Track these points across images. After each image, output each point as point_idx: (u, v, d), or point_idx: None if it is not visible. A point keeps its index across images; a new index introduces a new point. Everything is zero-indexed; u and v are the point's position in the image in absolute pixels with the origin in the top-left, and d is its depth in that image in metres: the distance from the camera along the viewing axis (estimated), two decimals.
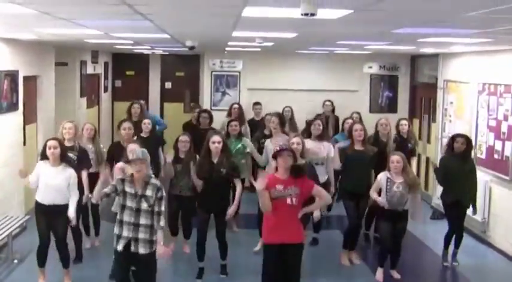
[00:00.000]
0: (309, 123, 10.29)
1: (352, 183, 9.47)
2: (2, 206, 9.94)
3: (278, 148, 7.07)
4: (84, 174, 9.01)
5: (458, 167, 9.47)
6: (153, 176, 7.08)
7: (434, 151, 14.10)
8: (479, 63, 12.11)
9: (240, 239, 10.53)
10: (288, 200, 6.94)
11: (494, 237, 11.05)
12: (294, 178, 6.99)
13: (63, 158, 8.05)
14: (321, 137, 10.08)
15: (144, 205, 6.85)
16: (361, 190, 9.30)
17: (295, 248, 7.09)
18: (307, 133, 10.17)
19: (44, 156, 8.11)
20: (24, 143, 11.39)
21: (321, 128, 10.12)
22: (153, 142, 10.43)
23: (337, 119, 14.53)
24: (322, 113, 14.54)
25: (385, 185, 8.69)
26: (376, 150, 9.65)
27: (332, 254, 10.02)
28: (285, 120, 11.43)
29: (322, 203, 7.46)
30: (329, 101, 14.87)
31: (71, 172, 8.06)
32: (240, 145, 10.44)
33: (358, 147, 9.55)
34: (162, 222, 6.91)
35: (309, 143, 9.74)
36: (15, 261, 9.33)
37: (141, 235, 6.84)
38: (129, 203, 6.87)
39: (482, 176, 11.00)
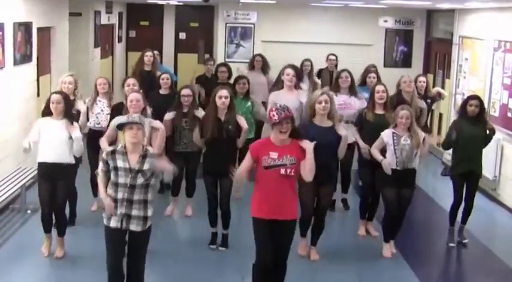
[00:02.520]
0: (336, 77, 9.89)
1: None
2: (16, 158, 10.03)
3: (275, 116, 6.31)
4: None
5: (471, 132, 8.76)
6: (149, 147, 6.41)
7: (448, 107, 14.06)
8: (495, 20, 11.99)
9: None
10: (282, 171, 6.33)
11: (504, 195, 11.07)
12: (291, 144, 6.42)
13: (68, 113, 7.72)
14: (351, 90, 9.66)
15: (140, 180, 6.12)
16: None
17: (287, 225, 6.51)
18: (335, 87, 9.75)
19: (45, 113, 7.77)
20: (38, 95, 11.44)
21: (349, 79, 9.66)
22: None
23: None
24: (325, 67, 13.75)
25: (391, 141, 8.04)
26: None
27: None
28: (302, 74, 10.98)
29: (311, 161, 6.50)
30: (333, 54, 13.81)
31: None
32: (249, 104, 9.96)
33: (378, 110, 8.75)
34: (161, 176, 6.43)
35: (341, 98, 9.48)
36: (29, 211, 9.46)
37: (135, 212, 6.15)
38: (122, 179, 6.13)
39: (496, 134, 10.95)
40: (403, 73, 14.56)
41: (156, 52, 13.37)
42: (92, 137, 9.10)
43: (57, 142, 7.65)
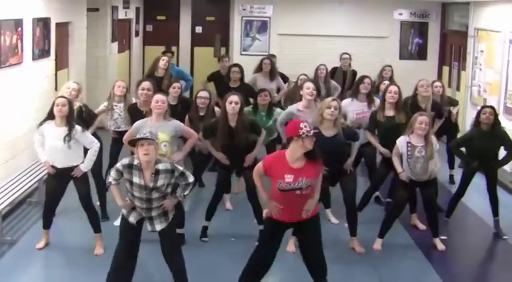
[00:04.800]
0: (358, 82, 9.70)
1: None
2: (33, 152, 10.08)
3: (307, 127, 5.93)
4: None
5: (481, 146, 8.66)
6: (160, 159, 6.31)
7: (464, 99, 14.05)
8: (511, 11, 11.95)
9: None
10: (297, 192, 6.01)
11: None
12: (307, 164, 6.04)
13: (70, 119, 7.56)
14: (369, 97, 9.47)
15: (156, 195, 6.20)
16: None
17: (310, 222, 6.18)
18: (355, 91, 9.65)
19: (50, 116, 7.66)
20: (56, 89, 11.55)
21: (370, 86, 9.50)
22: (182, 110, 9.29)
23: (354, 74, 12.89)
24: (339, 66, 13.29)
25: (405, 151, 7.95)
26: (405, 120, 8.48)
27: None
28: (319, 84, 10.55)
29: (315, 199, 6.27)
30: (347, 53, 13.28)
31: (76, 128, 7.56)
32: (270, 123, 9.46)
33: (389, 111, 8.73)
34: (187, 191, 6.41)
35: (359, 105, 9.41)
36: None
37: (155, 213, 6.30)
38: (138, 193, 6.20)
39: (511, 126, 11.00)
40: (419, 66, 14.72)
41: (169, 54, 13.13)
42: (115, 139, 9.20)
43: (62, 150, 7.58)
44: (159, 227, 6.35)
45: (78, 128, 7.60)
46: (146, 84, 8.79)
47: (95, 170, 8.55)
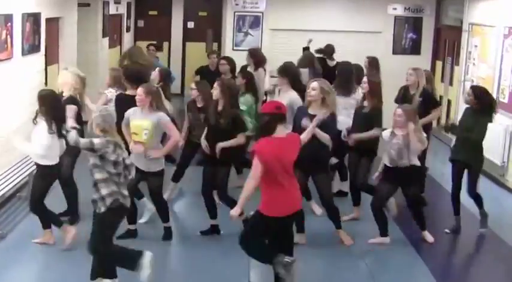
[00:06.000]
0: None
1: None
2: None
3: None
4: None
5: (464, 123, 8.65)
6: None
7: (456, 94, 14.02)
8: (505, 6, 11.93)
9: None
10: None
11: None
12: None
13: (50, 112, 7.61)
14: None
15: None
16: (362, 147, 8.66)
17: (296, 215, 6.48)
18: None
19: None
20: (46, 84, 11.48)
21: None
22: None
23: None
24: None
25: (388, 139, 8.08)
26: (378, 108, 8.66)
27: None
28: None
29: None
30: (332, 46, 13.20)
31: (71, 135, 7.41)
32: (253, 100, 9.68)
33: (365, 101, 8.75)
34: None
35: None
36: None
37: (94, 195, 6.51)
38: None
39: (504, 121, 10.99)
40: (412, 60, 14.67)
41: (151, 47, 13.43)
42: None
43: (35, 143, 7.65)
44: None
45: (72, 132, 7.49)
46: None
47: (65, 173, 8.44)
